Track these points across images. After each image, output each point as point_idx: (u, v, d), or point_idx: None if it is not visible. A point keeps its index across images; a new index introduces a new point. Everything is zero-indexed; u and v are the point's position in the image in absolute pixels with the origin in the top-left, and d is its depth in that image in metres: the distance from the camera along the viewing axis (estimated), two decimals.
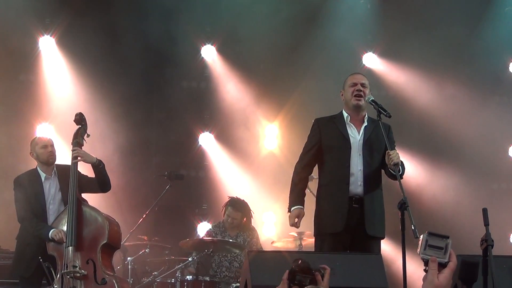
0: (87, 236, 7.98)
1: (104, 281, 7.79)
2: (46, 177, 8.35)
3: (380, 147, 7.16)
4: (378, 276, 6.18)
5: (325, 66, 11.88)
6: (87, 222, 8.02)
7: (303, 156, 7.50)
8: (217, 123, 12.32)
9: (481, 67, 12.15)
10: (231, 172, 12.22)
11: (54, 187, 8.33)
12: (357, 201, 7.05)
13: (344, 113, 7.33)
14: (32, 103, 11.54)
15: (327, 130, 7.30)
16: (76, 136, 8.29)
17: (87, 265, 7.84)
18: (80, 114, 8.42)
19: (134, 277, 9.90)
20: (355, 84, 7.27)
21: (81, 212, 8.00)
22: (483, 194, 11.69)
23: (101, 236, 7.98)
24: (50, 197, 8.29)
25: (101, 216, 8.06)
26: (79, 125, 8.35)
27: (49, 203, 8.27)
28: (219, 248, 9.64)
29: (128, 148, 11.43)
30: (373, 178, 7.10)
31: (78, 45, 11.57)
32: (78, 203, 8.02)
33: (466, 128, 12.07)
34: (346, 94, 7.33)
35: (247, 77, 12.21)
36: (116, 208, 10.50)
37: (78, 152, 8.18)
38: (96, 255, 7.90)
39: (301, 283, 4.27)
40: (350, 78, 7.39)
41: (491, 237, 5.24)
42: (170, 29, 11.56)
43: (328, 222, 7.12)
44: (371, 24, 12.35)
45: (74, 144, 8.24)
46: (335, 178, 7.16)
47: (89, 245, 7.96)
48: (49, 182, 8.34)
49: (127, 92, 11.61)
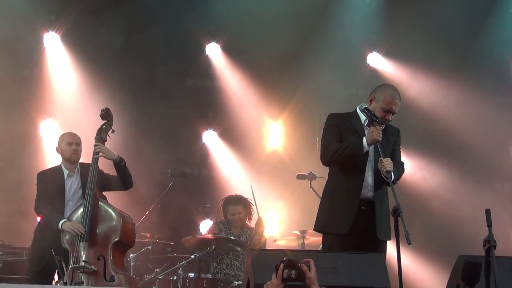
0: (100, 232, 7.97)
1: (113, 279, 7.78)
2: (69, 174, 8.33)
3: (389, 152, 7.13)
4: (380, 275, 6.18)
5: (330, 65, 11.88)
6: (102, 218, 8.01)
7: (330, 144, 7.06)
8: (221, 121, 12.32)
9: (486, 68, 12.14)
10: (235, 170, 12.22)
11: (75, 184, 8.32)
12: (366, 203, 6.99)
13: (361, 115, 7.11)
14: (36, 99, 11.55)
15: (345, 128, 7.12)
16: (100, 131, 8.26)
17: (98, 261, 7.83)
18: (107, 109, 8.36)
19: (136, 274, 9.91)
20: (388, 112, 7.02)
21: (97, 208, 7.99)
22: (486, 195, 11.68)
23: (114, 233, 7.97)
24: (71, 194, 8.29)
25: (116, 214, 8.05)
26: (105, 120, 8.30)
27: (68, 200, 8.27)
28: (222, 246, 9.65)
29: (132, 145, 11.42)
30: (383, 182, 7.05)
31: (83, 41, 11.59)
32: (95, 199, 8.00)
33: (470, 128, 12.06)
34: (377, 106, 7.04)
35: (252, 75, 12.21)
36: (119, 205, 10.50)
37: (100, 147, 8.16)
38: (107, 252, 7.90)
39: (289, 276, 4.47)
40: (389, 99, 7.03)
41: (494, 238, 5.23)
42: (175, 27, 11.57)
43: (335, 223, 7.03)
44: (376, 23, 12.34)
45: (97, 139, 8.21)
46: (348, 179, 7.03)
47: (102, 242, 7.95)
48: (71, 180, 8.33)
49: (131, 89, 11.62)
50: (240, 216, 10.04)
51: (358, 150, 6.91)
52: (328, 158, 7.04)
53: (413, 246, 11.61)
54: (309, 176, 10.70)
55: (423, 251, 11.87)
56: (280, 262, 4.52)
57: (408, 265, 11.81)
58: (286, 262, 4.50)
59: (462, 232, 11.32)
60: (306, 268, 4.53)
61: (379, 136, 6.83)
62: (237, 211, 10.04)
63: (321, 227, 7.19)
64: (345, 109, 7.36)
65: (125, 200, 10.91)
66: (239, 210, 10.04)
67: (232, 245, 9.69)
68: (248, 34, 11.75)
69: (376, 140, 6.81)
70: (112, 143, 10.98)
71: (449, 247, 11.10)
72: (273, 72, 12.26)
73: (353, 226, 6.94)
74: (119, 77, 11.55)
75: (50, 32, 11.73)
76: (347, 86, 12.05)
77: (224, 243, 9.64)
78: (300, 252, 7.64)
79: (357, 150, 6.92)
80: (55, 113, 11.58)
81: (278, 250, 8.45)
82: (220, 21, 12.14)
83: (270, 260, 5.27)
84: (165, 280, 9.53)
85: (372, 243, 6.91)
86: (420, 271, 11.78)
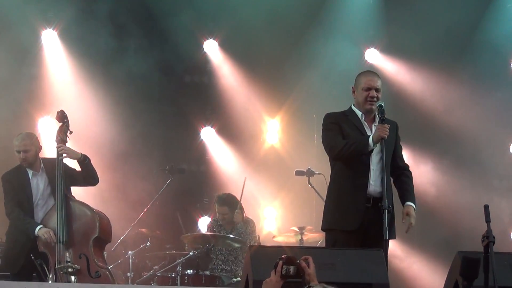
0: (77, 231, 8.02)
1: (98, 274, 7.84)
2: (34, 173, 8.35)
3: (391, 146, 7.14)
4: (379, 271, 6.18)
5: (327, 61, 11.88)
6: (77, 217, 8.06)
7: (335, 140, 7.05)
8: (219, 118, 12.33)
9: (483, 63, 12.14)
10: (233, 167, 12.23)
11: (42, 182, 8.34)
12: (372, 200, 6.98)
13: (357, 110, 7.15)
14: (34, 96, 11.53)
15: (345, 126, 7.11)
16: (59, 133, 8.32)
17: (79, 260, 7.88)
18: (62, 111, 8.45)
19: (135, 271, 9.92)
20: (369, 89, 7.10)
21: (70, 208, 8.06)
22: (484, 191, 11.69)
23: (92, 230, 8.03)
24: (39, 193, 8.30)
25: (91, 210, 8.12)
26: (61, 122, 8.38)
27: (37, 199, 8.28)
28: (220, 243, 9.67)
29: (130, 142, 11.43)
30: (388, 178, 7.04)
31: (81, 39, 11.57)
32: (66, 199, 8.06)
33: (468, 124, 12.06)
34: (358, 96, 7.12)
35: (249, 72, 12.21)
36: (117, 202, 10.52)
37: (63, 148, 8.21)
38: (88, 249, 7.95)
39: (288, 272, 4.50)
40: (365, 79, 7.14)
41: (492, 234, 5.23)
42: (173, 24, 11.57)
43: (344, 219, 6.98)
44: (374, 19, 12.34)
45: (58, 141, 8.27)
46: (354, 176, 7.01)
47: (81, 240, 8.00)
48: (36, 178, 8.34)
49: (129, 86, 11.61)
50: (225, 216, 10.12)
51: (364, 147, 6.91)
52: (335, 154, 7.05)
53: (411, 242, 11.76)
54: (307, 172, 10.72)
55: (422, 247, 11.89)
56: (279, 259, 4.53)
57: (407, 261, 11.84)
58: (285, 259, 4.52)
59: (461, 228, 11.33)
60: (305, 265, 4.55)
61: (385, 133, 6.83)
62: (221, 211, 10.14)
63: (329, 225, 7.12)
64: (343, 105, 7.36)
65: (123, 197, 10.94)
66: (224, 211, 10.12)
67: (230, 242, 9.71)
68: (245, 31, 11.75)
69: (382, 137, 6.82)
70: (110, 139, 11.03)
71: (447, 243, 11.12)
72: (270, 69, 12.26)
73: (361, 223, 6.92)
74: (116, 74, 11.54)
75: (47, 30, 11.72)
76: (345, 82, 12.04)
77: (222, 240, 9.66)
78: (299, 249, 7.64)
79: (362, 147, 6.92)
80: (53, 110, 11.54)
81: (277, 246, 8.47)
82: (218, 18, 12.14)
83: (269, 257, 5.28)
84: (163, 277, 9.53)
85: (375, 242, 6.80)
86: (419, 267, 11.80)
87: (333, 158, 7.14)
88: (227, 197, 10.26)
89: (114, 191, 9.54)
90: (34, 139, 8.51)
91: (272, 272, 4.52)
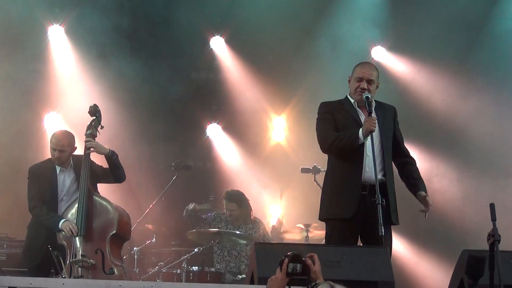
0: (96, 226, 8.00)
1: (112, 271, 7.82)
2: (61, 170, 8.34)
3: (391, 132, 7.16)
4: (384, 269, 6.18)
5: (334, 59, 11.86)
6: (98, 212, 8.04)
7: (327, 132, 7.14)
8: (225, 115, 12.33)
9: (492, 61, 12.10)
10: (238, 164, 12.23)
11: (69, 178, 8.32)
12: (368, 188, 6.97)
13: (351, 98, 7.22)
14: (41, 92, 11.55)
15: (339, 115, 7.17)
16: (89, 127, 8.28)
17: (95, 255, 7.86)
18: (95, 105, 8.38)
19: (140, 267, 9.93)
20: (361, 80, 7.16)
21: (91, 202, 8.03)
22: (490, 189, 11.66)
23: (111, 226, 8.00)
24: (65, 189, 8.29)
25: (112, 207, 8.08)
26: (93, 116, 8.33)
27: (62, 195, 8.27)
28: (225, 239, 9.67)
29: (136, 138, 11.45)
30: (386, 164, 7.05)
31: (87, 34, 11.57)
32: (89, 194, 8.03)
33: (475, 122, 12.04)
34: (351, 86, 7.23)
35: (256, 69, 12.21)
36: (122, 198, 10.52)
37: (91, 143, 8.18)
38: (105, 245, 7.92)
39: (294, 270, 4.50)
40: (359, 70, 7.23)
41: (498, 233, 5.23)
42: (179, 20, 11.56)
43: (338, 207, 7.00)
44: (380, 17, 12.32)
45: (88, 135, 8.24)
46: (348, 165, 7.04)
47: (99, 235, 7.98)
48: (64, 174, 8.33)
49: (135, 82, 11.61)
50: (232, 212, 10.10)
51: (353, 141, 6.96)
52: (326, 147, 7.13)
53: (417, 240, 11.75)
54: (313, 169, 10.73)
55: (427, 245, 11.88)
56: (284, 256, 4.54)
57: (412, 259, 11.83)
58: (291, 256, 4.52)
59: (466, 226, 11.31)
60: (311, 262, 4.55)
61: (373, 126, 6.86)
62: (229, 208, 10.12)
63: (326, 215, 7.15)
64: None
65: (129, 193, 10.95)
66: (232, 207, 10.10)
67: (236, 238, 9.71)
68: (252, 28, 11.75)
69: (370, 130, 6.85)
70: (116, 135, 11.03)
71: (453, 241, 11.10)
72: (277, 66, 12.26)
73: (358, 210, 6.91)
74: (122, 70, 11.54)
75: (54, 25, 11.73)
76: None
77: (228, 236, 9.67)
78: (304, 246, 7.64)
79: (352, 141, 6.96)
80: (59, 106, 11.59)
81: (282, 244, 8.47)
82: (225, 15, 12.13)
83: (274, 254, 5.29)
84: (169, 273, 9.55)
85: (374, 228, 6.67)
86: (424, 265, 11.79)
87: (324, 151, 7.21)
88: (236, 193, 10.25)
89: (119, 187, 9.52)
90: (72, 140, 8.44)
91: (278, 270, 4.53)
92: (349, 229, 6.94)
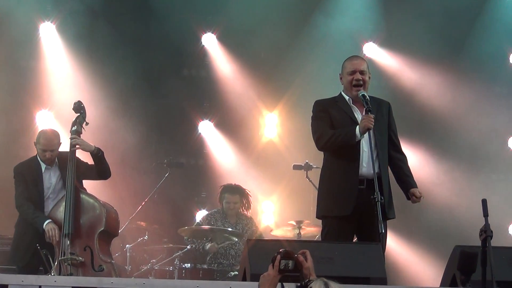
0: (84, 223, 7.97)
1: (101, 268, 7.79)
2: (47, 168, 8.30)
3: (385, 127, 7.15)
4: (376, 266, 6.18)
5: (326, 55, 11.86)
6: (85, 209, 8.01)
7: (323, 129, 7.10)
8: (216, 112, 12.31)
9: (483, 57, 12.13)
10: (231, 160, 12.22)
11: (55, 176, 8.29)
12: (366, 183, 6.96)
13: (345, 95, 7.20)
14: (32, 90, 11.53)
15: (334, 112, 7.14)
16: (74, 124, 8.23)
17: (84, 252, 7.84)
18: (79, 102, 8.36)
19: (133, 265, 9.92)
20: (353, 72, 7.17)
21: (79, 200, 8.00)
22: (482, 185, 11.69)
23: (99, 223, 7.98)
24: (51, 187, 8.26)
25: (99, 204, 8.05)
26: (78, 113, 8.30)
27: (49, 193, 8.24)
28: (218, 236, 9.66)
29: (128, 135, 11.43)
30: (382, 160, 7.03)
31: (79, 32, 11.56)
32: (76, 191, 8.00)
33: (466, 119, 12.07)
34: (345, 81, 7.20)
35: (247, 65, 12.20)
36: (115, 195, 10.50)
37: (77, 140, 8.14)
38: (93, 242, 7.90)
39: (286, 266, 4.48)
40: (349, 64, 7.24)
41: (490, 228, 5.23)
42: (171, 17, 11.55)
43: (336, 205, 6.98)
44: (372, 13, 12.33)
45: (73, 132, 8.20)
46: (345, 161, 7.01)
47: (87, 233, 7.95)
48: (49, 172, 8.29)
49: (126, 80, 11.60)
50: (235, 205, 10.08)
51: (350, 138, 6.94)
52: (322, 145, 7.09)
53: (409, 236, 11.76)
54: (305, 166, 10.74)
55: (420, 241, 11.89)
56: (277, 253, 4.54)
57: (404, 255, 11.84)
58: (283, 253, 4.52)
59: (459, 222, 11.33)
60: (303, 259, 4.54)
61: (371, 123, 6.83)
62: (232, 200, 10.07)
63: (323, 212, 7.12)
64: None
65: (122, 190, 10.93)
66: (235, 200, 10.07)
67: (228, 235, 9.70)
68: (244, 25, 11.73)
69: (368, 128, 6.83)
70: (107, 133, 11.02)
71: (445, 237, 11.12)
72: (269, 62, 12.26)
73: (355, 207, 6.89)
74: (115, 67, 11.53)
75: (45, 22, 11.70)
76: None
77: (220, 233, 9.65)
78: (297, 243, 7.63)
79: (349, 138, 6.94)
80: (51, 104, 11.56)
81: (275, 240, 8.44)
82: (216, 11, 12.12)
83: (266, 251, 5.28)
84: (161, 270, 9.55)
85: (370, 224, 6.66)
86: (417, 261, 11.80)
87: (320, 148, 7.18)
88: (236, 186, 10.24)
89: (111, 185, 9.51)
90: (59, 138, 8.42)
91: (270, 266, 4.52)
92: (346, 226, 6.93)
